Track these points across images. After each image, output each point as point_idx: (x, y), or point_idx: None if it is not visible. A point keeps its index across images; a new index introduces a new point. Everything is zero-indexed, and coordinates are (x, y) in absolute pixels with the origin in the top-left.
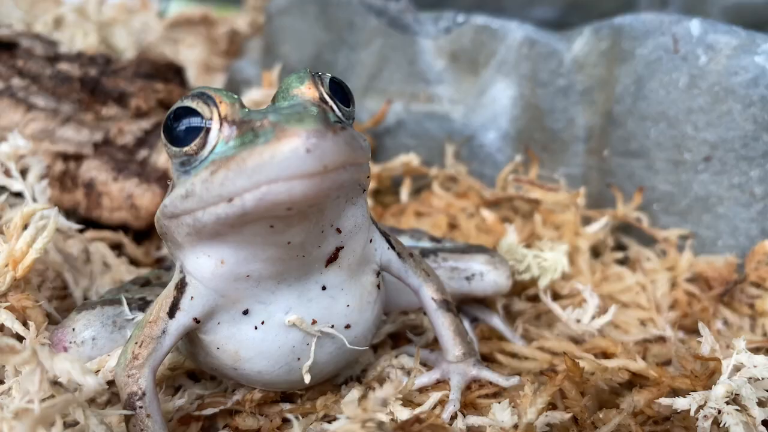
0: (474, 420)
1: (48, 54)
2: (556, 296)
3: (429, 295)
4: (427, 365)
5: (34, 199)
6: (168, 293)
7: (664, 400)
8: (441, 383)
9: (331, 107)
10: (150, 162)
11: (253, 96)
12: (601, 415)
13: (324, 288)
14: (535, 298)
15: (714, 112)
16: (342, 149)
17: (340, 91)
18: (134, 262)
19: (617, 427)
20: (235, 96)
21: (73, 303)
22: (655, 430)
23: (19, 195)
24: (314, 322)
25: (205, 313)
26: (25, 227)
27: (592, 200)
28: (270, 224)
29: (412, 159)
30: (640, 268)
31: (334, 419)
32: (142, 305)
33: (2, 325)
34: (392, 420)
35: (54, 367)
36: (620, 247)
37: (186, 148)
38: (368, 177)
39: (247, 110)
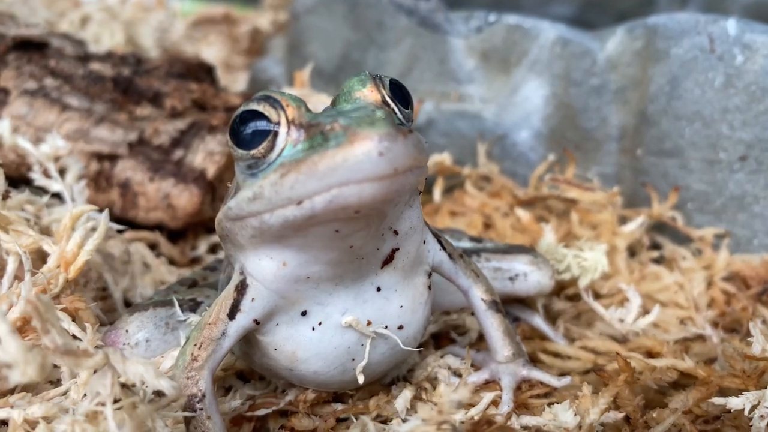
0: (528, 420)
1: (79, 54)
2: (596, 295)
3: (478, 296)
4: (474, 365)
5: (73, 200)
6: (227, 295)
7: (717, 400)
8: (490, 383)
9: (393, 110)
10: (186, 162)
11: None
12: (654, 415)
13: (379, 289)
14: (574, 298)
15: (750, 111)
16: (411, 152)
17: (400, 93)
18: (171, 262)
19: (671, 426)
20: (301, 99)
21: (113, 304)
22: (705, 429)
23: (54, 196)
24: (369, 323)
25: (265, 314)
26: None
27: (625, 199)
28: (335, 229)
29: (445, 158)
30: (676, 267)
31: (387, 419)
32: (193, 306)
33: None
34: (461, 422)
35: (126, 370)
36: (655, 246)
37: (253, 151)
38: (425, 179)
39: (312, 114)
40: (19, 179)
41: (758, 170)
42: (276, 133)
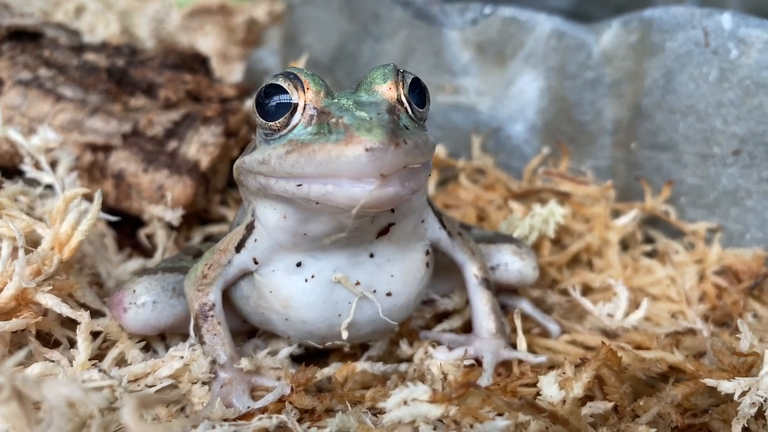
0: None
1: (73, 44)
2: (587, 290)
3: (472, 271)
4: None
5: (65, 192)
6: (239, 231)
7: (709, 381)
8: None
9: (406, 109)
10: (180, 153)
11: None
12: (641, 403)
13: (372, 255)
14: (567, 291)
15: (744, 106)
16: (400, 160)
17: (417, 91)
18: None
19: (657, 415)
20: (322, 82)
21: (106, 292)
22: (693, 423)
23: (47, 188)
24: (358, 284)
25: (264, 256)
26: None
27: (618, 193)
28: (332, 215)
29: (439, 151)
30: (669, 260)
31: (381, 411)
32: None
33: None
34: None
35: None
36: (647, 239)
37: (271, 123)
38: (429, 174)
39: (329, 99)
40: (12, 170)
41: (751, 165)
42: (294, 110)
